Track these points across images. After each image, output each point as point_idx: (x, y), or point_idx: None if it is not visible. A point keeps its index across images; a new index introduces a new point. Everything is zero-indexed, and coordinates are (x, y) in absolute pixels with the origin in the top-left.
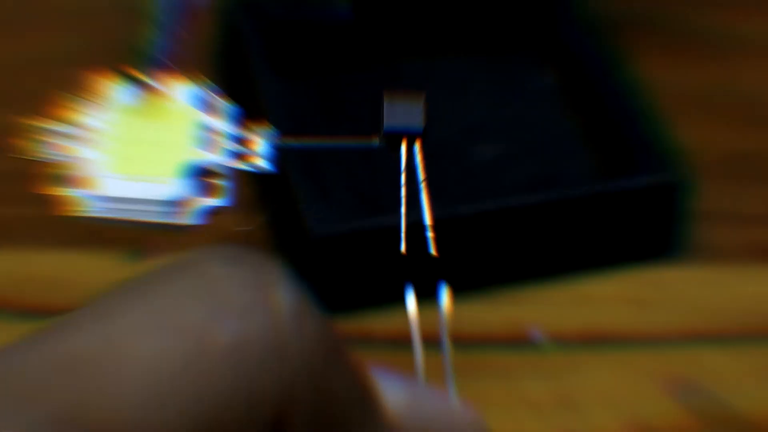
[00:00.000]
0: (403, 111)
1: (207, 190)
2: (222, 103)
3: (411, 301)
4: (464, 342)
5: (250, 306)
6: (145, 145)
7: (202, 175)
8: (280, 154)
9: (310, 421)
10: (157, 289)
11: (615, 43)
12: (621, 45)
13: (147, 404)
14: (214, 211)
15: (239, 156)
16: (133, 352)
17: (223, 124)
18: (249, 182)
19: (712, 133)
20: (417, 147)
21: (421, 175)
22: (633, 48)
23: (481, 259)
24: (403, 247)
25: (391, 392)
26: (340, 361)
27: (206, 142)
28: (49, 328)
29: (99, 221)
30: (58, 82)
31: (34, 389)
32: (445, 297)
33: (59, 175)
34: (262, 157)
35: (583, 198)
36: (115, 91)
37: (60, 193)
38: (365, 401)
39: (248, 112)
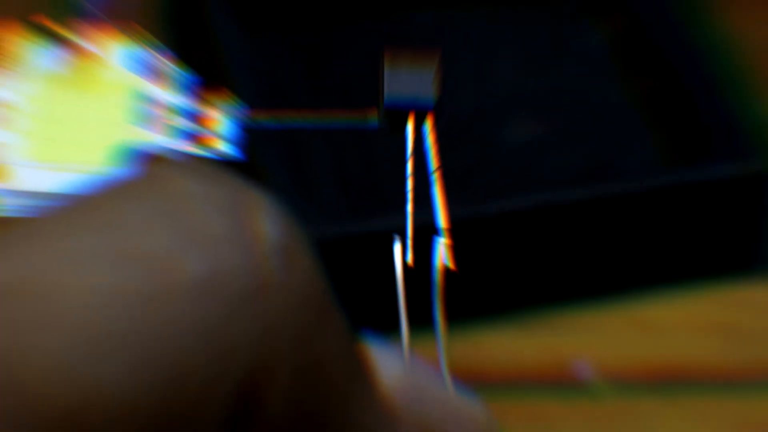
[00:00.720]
0: (409, 78)
1: None
2: (171, 67)
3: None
4: (491, 380)
5: (226, 234)
6: (71, 123)
7: (143, 162)
8: (249, 136)
9: (291, 389)
10: (110, 209)
11: None
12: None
13: (85, 357)
14: None
15: (194, 138)
16: (73, 286)
17: (172, 96)
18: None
19: None
20: (427, 126)
21: (432, 163)
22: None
23: (512, 273)
24: (409, 258)
25: (386, 364)
26: (331, 314)
27: (149, 120)
28: None
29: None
30: None
31: None
32: (439, 274)
33: None
34: (225, 139)
35: (645, 193)
36: (32, 53)
37: None
38: (358, 367)
39: (207, 80)
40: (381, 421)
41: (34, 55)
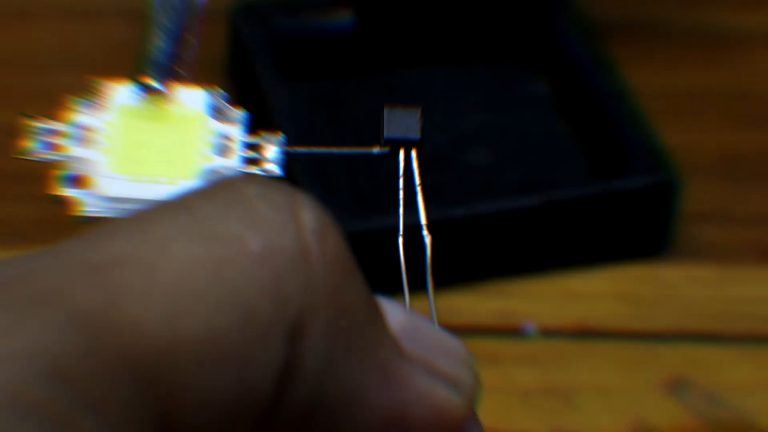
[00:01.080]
0: (401, 121)
1: None
2: (230, 108)
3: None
4: (456, 329)
5: (280, 221)
6: (153, 149)
7: (212, 179)
8: (288, 160)
9: (326, 326)
10: (196, 202)
11: (606, 48)
12: (612, 50)
13: (175, 313)
14: None
15: (248, 161)
16: (168, 256)
17: (233, 130)
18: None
19: (706, 133)
20: (414, 154)
21: (417, 179)
22: (624, 52)
23: (474, 256)
24: (401, 246)
25: (391, 311)
26: (355, 276)
27: (217, 147)
28: (83, 235)
29: (102, 221)
30: (65, 83)
31: (57, 290)
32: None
33: (63, 175)
34: (273, 162)
35: (577, 199)
36: (122, 95)
37: (64, 194)
38: (374, 314)
39: (256, 118)
40: (392, 352)
41: (126, 96)
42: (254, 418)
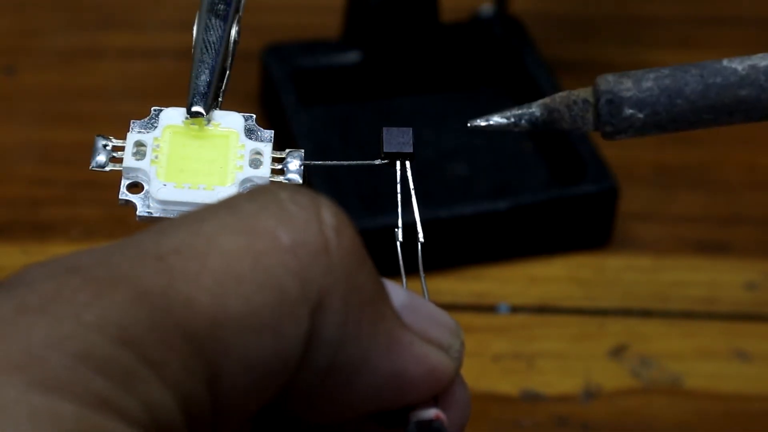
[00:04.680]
0: (397, 138)
1: None
2: (261, 129)
3: (398, 237)
4: (440, 306)
5: (305, 219)
6: (196, 161)
7: (247, 187)
8: (307, 170)
9: (342, 302)
10: (239, 203)
11: (562, 79)
12: (566, 81)
13: (220, 292)
14: None
15: (276, 172)
16: (216, 247)
17: (262, 147)
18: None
19: (641, 149)
20: (408, 165)
21: (411, 186)
22: (576, 84)
23: (455, 247)
24: (399, 239)
25: (394, 292)
26: (366, 263)
27: (249, 161)
28: (145, 231)
29: (157, 220)
30: (128, 110)
31: (126, 273)
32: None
33: (125, 183)
34: (294, 172)
35: (537, 203)
36: (172, 117)
37: (126, 198)
38: (381, 293)
39: (282, 137)
40: (395, 323)
41: (174, 118)
42: (284, 379)
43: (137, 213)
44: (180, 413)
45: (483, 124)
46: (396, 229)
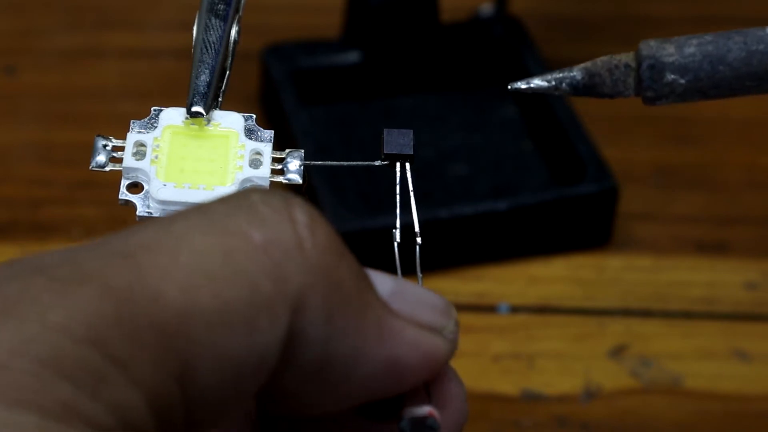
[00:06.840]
0: (397, 140)
1: None
2: (261, 129)
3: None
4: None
5: (278, 219)
6: (195, 161)
7: (243, 186)
8: (307, 171)
9: (324, 299)
10: (211, 206)
11: None
12: None
13: (190, 287)
14: None
15: (276, 172)
16: (187, 243)
17: (262, 147)
18: (285, 191)
19: (641, 150)
20: (408, 166)
21: (410, 186)
22: None
23: (456, 247)
24: (397, 238)
25: (379, 281)
26: (344, 257)
27: (249, 161)
28: (119, 231)
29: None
30: (128, 109)
31: (93, 272)
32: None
33: (125, 183)
34: (294, 173)
35: (537, 203)
36: (172, 117)
37: (126, 198)
38: (365, 284)
39: (282, 137)
40: (383, 312)
41: (170, 116)
42: (263, 377)
43: (137, 213)
44: (150, 413)
45: (524, 86)
46: (394, 230)
